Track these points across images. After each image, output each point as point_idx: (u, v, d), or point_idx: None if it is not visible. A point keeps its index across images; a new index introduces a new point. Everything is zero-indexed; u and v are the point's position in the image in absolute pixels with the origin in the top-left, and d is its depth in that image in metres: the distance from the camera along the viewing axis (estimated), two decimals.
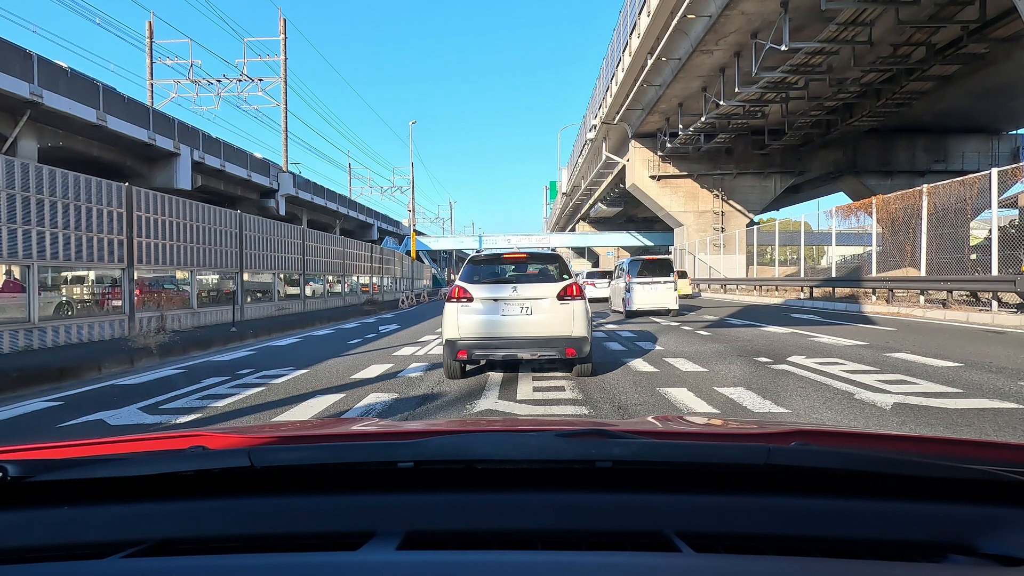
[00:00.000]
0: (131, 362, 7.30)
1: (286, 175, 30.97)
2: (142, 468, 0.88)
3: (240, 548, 0.81)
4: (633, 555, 0.75)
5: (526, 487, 0.89)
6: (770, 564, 0.72)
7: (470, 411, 4.50)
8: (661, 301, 14.05)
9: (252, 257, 14.44)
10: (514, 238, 49.97)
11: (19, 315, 8.20)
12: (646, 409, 4.48)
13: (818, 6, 14.59)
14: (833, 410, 4.35)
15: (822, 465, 0.86)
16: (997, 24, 15.71)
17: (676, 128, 26.23)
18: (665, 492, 0.87)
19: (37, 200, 8.06)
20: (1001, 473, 0.83)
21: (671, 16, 17.57)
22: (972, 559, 0.76)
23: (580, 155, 41.93)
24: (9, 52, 14.45)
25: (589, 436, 0.97)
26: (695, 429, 1.41)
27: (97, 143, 19.02)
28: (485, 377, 5.96)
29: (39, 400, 5.22)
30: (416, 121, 74.61)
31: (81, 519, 0.85)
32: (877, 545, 0.79)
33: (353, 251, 23.03)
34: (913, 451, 1.02)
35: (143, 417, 4.51)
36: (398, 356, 7.79)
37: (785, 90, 20.62)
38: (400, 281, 31.63)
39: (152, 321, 9.80)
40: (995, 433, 3.69)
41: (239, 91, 32.55)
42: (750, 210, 31.51)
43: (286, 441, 1.12)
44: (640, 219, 50.09)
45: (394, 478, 0.92)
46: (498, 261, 6.20)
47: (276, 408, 4.73)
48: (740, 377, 5.76)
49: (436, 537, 0.81)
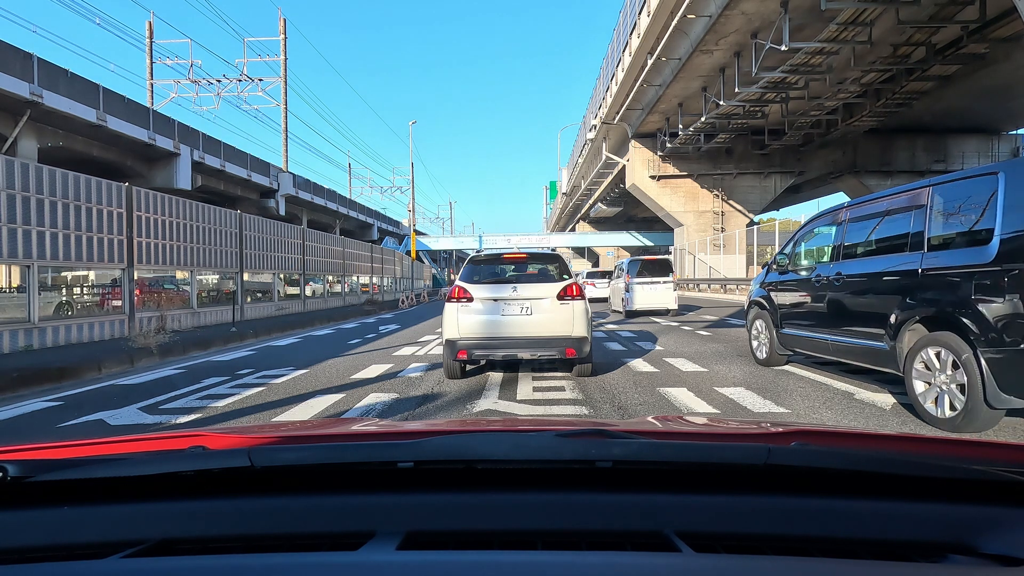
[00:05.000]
0: (131, 362, 7.30)
1: (286, 175, 30.97)
2: (142, 468, 0.88)
3: (240, 548, 0.81)
4: (633, 555, 0.75)
5: (526, 487, 0.89)
6: (770, 564, 0.72)
7: (470, 411, 4.50)
8: (660, 301, 14.18)
9: (252, 257, 14.44)
10: (514, 238, 49.99)
11: (19, 315, 8.21)
12: (646, 409, 4.49)
13: (818, 6, 14.60)
14: (833, 410, 4.35)
15: (822, 465, 0.86)
16: (997, 24, 15.72)
17: (676, 128, 26.24)
18: (665, 492, 0.87)
19: (37, 200, 8.06)
20: (1001, 473, 0.83)
21: (671, 16, 17.57)
22: (972, 559, 0.76)
23: (580, 155, 41.94)
24: (9, 52, 14.46)
25: (589, 436, 0.97)
26: (695, 429, 1.41)
27: (97, 143, 19.02)
28: (485, 377, 5.96)
29: (39, 400, 5.22)
30: (416, 121, 74.78)
31: (81, 519, 0.85)
32: (877, 545, 0.79)
33: (353, 251, 23.03)
34: (913, 451, 1.02)
35: (143, 417, 4.51)
36: (398, 356, 7.79)
37: (785, 90, 20.63)
38: (400, 281, 31.64)
39: (152, 321, 9.80)
40: (995, 433, 3.69)
41: (239, 91, 32.62)
42: (750, 210, 31.52)
43: (286, 441, 1.12)
44: (640, 219, 50.11)
45: (394, 478, 0.92)
46: (498, 261, 6.20)
47: (276, 408, 4.74)
48: (740, 377, 5.76)
49: (436, 537, 0.81)
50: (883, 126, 26.47)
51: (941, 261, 3.86)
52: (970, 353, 3.51)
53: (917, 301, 4.02)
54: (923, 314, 3.97)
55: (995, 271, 3.42)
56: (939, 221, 3.99)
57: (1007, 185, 3.46)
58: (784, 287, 6.10)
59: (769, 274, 6.49)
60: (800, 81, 19.77)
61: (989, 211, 3.55)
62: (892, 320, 4.22)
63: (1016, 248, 3.33)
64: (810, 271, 5.58)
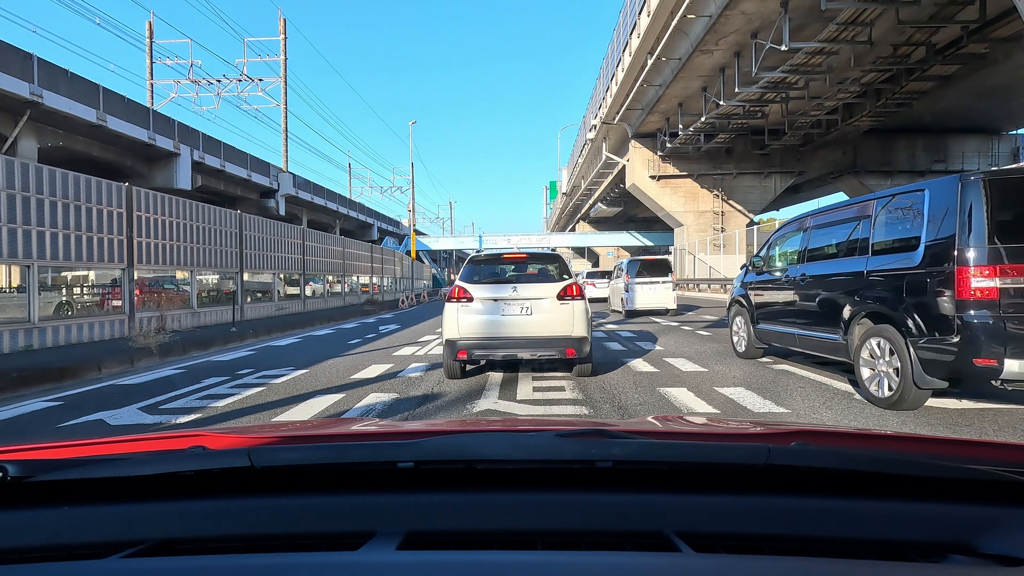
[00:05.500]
0: (131, 362, 7.30)
1: (286, 175, 30.96)
2: (142, 468, 0.88)
3: (240, 548, 0.81)
4: (633, 555, 0.75)
5: (526, 487, 0.89)
6: (770, 564, 0.72)
7: (470, 411, 4.50)
8: (659, 301, 14.36)
9: (252, 257, 14.44)
10: (514, 238, 49.98)
11: (19, 315, 8.21)
12: (646, 409, 4.49)
13: (818, 6, 14.60)
14: (833, 410, 4.35)
15: (822, 465, 0.86)
16: (997, 24, 15.72)
17: (676, 128, 26.23)
18: (665, 492, 0.87)
19: (37, 200, 8.06)
20: (1001, 473, 0.83)
21: (671, 16, 17.57)
22: (972, 559, 0.76)
23: (580, 155, 41.94)
24: (9, 52, 14.46)
25: (589, 436, 0.97)
26: (695, 429, 1.41)
27: (97, 143, 19.02)
28: (485, 377, 5.96)
29: (39, 400, 5.22)
30: (416, 121, 74.72)
31: (81, 519, 0.85)
32: (877, 545, 0.79)
33: (353, 251, 23.03)
34: (913, 451, 1.02)
35: (143, 417, 4.51)
36: (398, 356, 7.79)
37: (785, 90, 20.63)
38: (400, 281, 31.63)
39: (152, 321, 9.80)
40: (995, 433, 3.69)
41: (239, 91, 32.60)
42: (750, 210, 31.52)
43: (286, 441, 1.12)
44: (640, 219, 50.11)
45: (394, 478, 0.92)
46: (498, 261, 6.20)
47: (276, 408, 4.74)
48: (740, 377, 5.77)
49: (436, 537, 0.81)
50: (883, 126, 26.47)
51: (882, 264, 4.47)
52: (903, 342, 4.11)
53: (863, 299, 4.62)
54: (868, 310, 4.56)
55: (921, 273, 4.05)
56: (881, 230, 4.62)
57: (931, 201, 4.10)
58: (759, 286, 6.70)
59: (748, 274, 7.07)
60: (800, 81, 19.77)
61: (917, 222, 4.19)
62: (845, 315, 4.84)
63: (937, 253, 3.94)
64: (781, 272, 6.19)
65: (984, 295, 3.66)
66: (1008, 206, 3.74)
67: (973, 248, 3.70)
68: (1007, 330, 3.58)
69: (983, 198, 3.73)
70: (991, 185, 3.74)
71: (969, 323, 3.68)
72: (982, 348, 3.62)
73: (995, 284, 3.64)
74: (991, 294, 3.65)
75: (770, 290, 6.41)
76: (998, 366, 3.58)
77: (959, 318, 3.72)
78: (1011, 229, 3.70)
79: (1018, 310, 3.60)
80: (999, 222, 3.69)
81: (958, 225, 3.79)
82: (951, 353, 3.77)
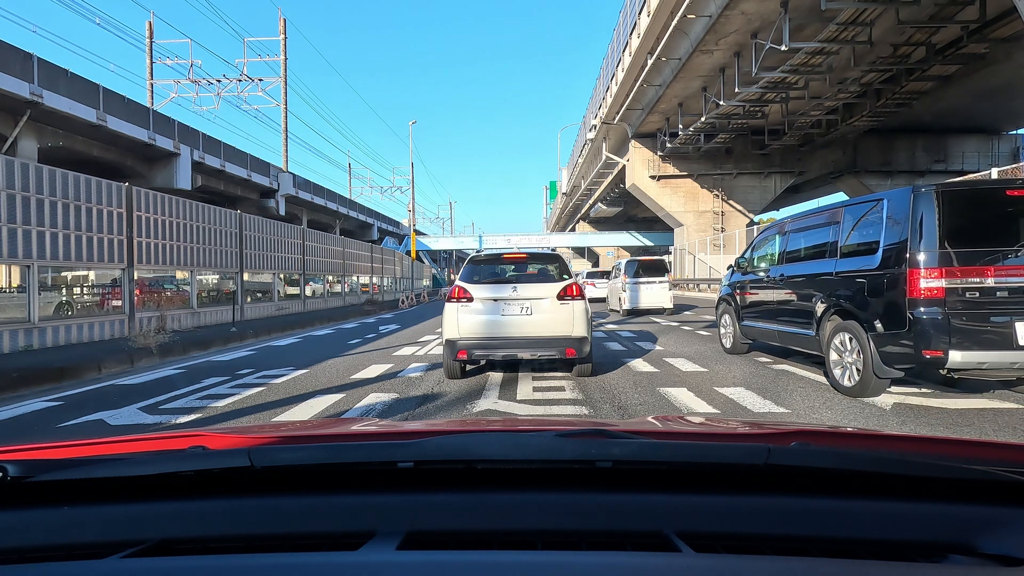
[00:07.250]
0: (131, 362, 7.30)
1: (286, 175, 30.95)
2: (142, 468, 0.88)
3: (240, 548, 0.81)
4: (633, 555, 0.75)
5: (526, 487, 0.89)
6: (770, 564, 0.72)
7: (470, 411, 4.50)
8: (656, 300, 14.92)
9: (252, 257, 14.44)
10: (514, 238, 49.96)
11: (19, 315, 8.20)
12: (646, 409, 4.49)
13: (818, 6, 14.60)
14: (833, 410, 4.36)
15: (822, 465, 0.86)
16: (997, 24, 15.71)
17: (676, 128, 26.23)
18: (665, 492, 0.87)
19: (37, 200, 8.05)
20: (1001, 473, 0.83)
21: (671, 16, 17.57)
22: (972, 559, 0.76)
23: (580, 155, 41.92)
24: (9, 52, 14.45)
25: (589, 436, 0.97)
26: (695, 429, 1.41)
27: (97, 143, 19.02)
28: (485, 377, 5.96)
29: (39, 400, 5.22)
30: (416, 121, 74.63)
31: (81, 519, 0.85)
32: (877, 545, 0.79)
33: (353, 251, 23.02)
34: (913, 451, 1.02)
35: (143, 417, 4.51)
36: (398, 356, 7.79)
37: (785, 90, 20.63)
38: (400, 281, 31.63)
39: (152, 321, 9.80)
40: (995, 433, 3.69)
41: (239, 91, 32.57)
42: (750, 210, 31.50)
43: (286, 441, 1.12)
44: (640, 219, 50.10)
45: (394, 478, 0.92)
46: (498, 261, 6.20)
47: (276, 408, 4.74)
48: (740, 377, 5.77)
49: (436, 537, 0.81)
50: (883, 126, 26.46)
51: (848, 266, 4.91)
52: (865, 336, 4.53)
53: (833, 297, 5.06)
54: (837, 307, 5.00)
55: (879, 274, 4.49)
56: (848, 235, 5.03)
57: (888, 209, 4.51)
58: (744, 286, 7.12)
59: (734, 275, 7.48)
60: (800, 81, 19.77)
61: (877, 228, 4.61)
62: (817, 312, 5.29)
63: (892, 256, 4.37)
64: (764, 272, 6.60)
65: (932, 294, 4.08)
66: (957, 215, 4.14)
67: (923, 252, 4.13)
68: (952, 325, 4.01)
69: (935, 207, 4.12)
70: (943, 196, 4.14)
71: (919, 319, 4.09)
72: (931, 341, 4.03)
73: (942, 284, 4.06)
74: (938, 293, 4.06)
75: (753, 289, 6.84)
76: (944, 356, 3.99)
77: (911, 314, 4.13)
78: (961, 235, 4.11)
79: (962, 307, 4.04)
80: (949, 229, 4.10)
81: (910, 231, 4.21)
82: (904, 346, 4.20)
